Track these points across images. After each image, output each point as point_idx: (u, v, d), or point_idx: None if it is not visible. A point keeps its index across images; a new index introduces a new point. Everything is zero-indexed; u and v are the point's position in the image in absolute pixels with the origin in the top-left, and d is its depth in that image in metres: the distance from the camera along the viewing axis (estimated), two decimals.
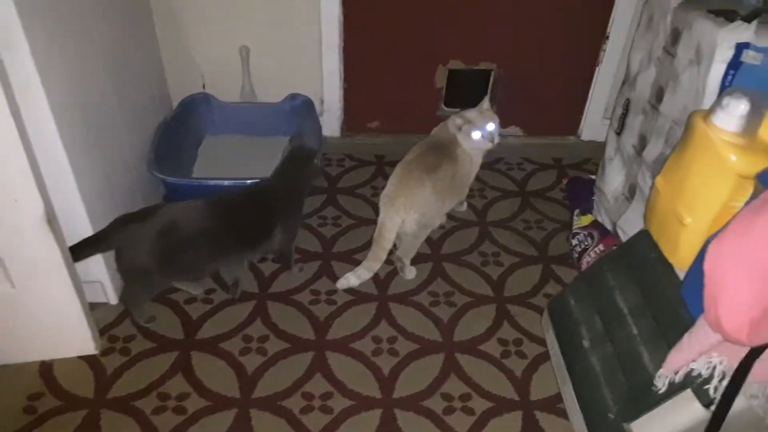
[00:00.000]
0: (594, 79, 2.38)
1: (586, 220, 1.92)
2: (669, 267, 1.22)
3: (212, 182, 1.85)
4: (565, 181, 2.26)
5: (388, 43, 2.31)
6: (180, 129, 2.15)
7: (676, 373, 1.04)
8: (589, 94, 2.42)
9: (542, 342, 1.63)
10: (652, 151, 1.61)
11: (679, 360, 1.01)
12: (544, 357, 1.61)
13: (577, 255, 1.88)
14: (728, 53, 1.33)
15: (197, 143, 2.31)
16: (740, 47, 1.32)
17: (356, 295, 1.80)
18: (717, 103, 1.10)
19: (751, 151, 1.05)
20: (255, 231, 1.70)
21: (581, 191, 2.06)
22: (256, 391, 1.52)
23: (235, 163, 2.22)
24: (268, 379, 1.55)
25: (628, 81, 1.80)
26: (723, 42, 1.33)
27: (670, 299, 1.17)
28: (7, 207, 1.32)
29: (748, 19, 1.34)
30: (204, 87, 2.37)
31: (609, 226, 1.85)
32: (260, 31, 2.25)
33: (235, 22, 2.23)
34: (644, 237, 1.31)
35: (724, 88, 1.35)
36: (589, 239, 1.86)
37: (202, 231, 1.60)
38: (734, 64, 1.33)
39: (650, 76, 1.65)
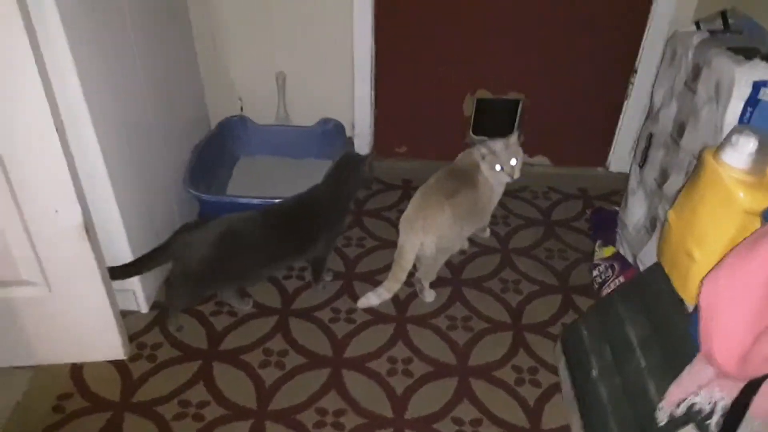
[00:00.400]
0: (623, 112, 2.40)
1: (608, 251, 1.93)
2: (680, 301, 1.22)
3: (243, 200, 1.94)
4: (589, 211, 2.27)
5: (418, 71, 2.38)
6: (216, 148, 2.25)
7: (677, 406, 1.04)
8: (618, 126, 2.43)
9: (557, 371, 1.64)
10: (672, 186, 1.61)
11: (679, 393, 1.02)
12: (558, 387, 1.60)
13: (597, 286, 1.88)
14: (746, 91, 1.34)
15: (233, 163, 2.41)
16: (758, 85, 1.33)
17: (375, 315, 1.84)
18: (726, 141, 1.12)
19: (759, 188, 1.06)
20: (304, 237, 1.79)
21: (605, 222, 2.07)
22: (272, 404, 1.57)
23: (268, 182, 2.31)
24: (285, 393, 1.60)
25: (651, 115, 1.81)
26: (740, 79, 1.34)
27: (678, 333, 1.18)
28: (49, 216, 1.41)
29: (766, 58, 1.35)
30: (242, 110, 2.47)
31: (630, 259, 1.85)
32: (296, 58, 2.34)
33: (273, 50, 2.34)
34: (657, 270, 1.32)
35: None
36: (609, 271, 1.86)
37: (257, 238, 1.70)
38: (752, 102, 1.34)
39: (672, 111, 1.67)
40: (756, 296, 0.85)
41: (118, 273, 1.65)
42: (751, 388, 0.89)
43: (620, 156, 2.47)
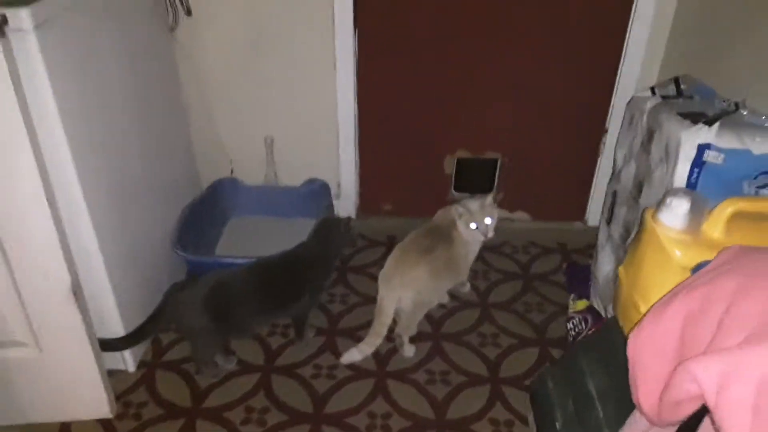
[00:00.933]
0: (597, 168, 2.49)
1: (581, 304, 1.99)
2: None
3: (227, 260, 2.02)
4: (564, 265, 2.33)
5: (400, 133, 2.49)
6: (206, 209, 2.36)
7: None
8: (593, 182, 2.53)
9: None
10: None
11: None
12: None
13: (572, 338, 1.94)
14: (691, 153, 1.43)
15: (223, 223, 2.51)
16: (702, 147, 1.42)
17: (356, 371, 1.89)
18: (662, 202, 1.20)
19: (693, 246, 1.14)
20: (289, 292, 1.87)
21: (579, 276, 2.13)
22: None
23: (257, 242, 2.40)
24: None
25: (615, 173, 1.90)
26: (686, 142, 1.43)
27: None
28: (39, 280, 1.49)
29: (710, 122, 1.45)
30: (232, 172, 2.59)
31: (602, 311, 1.90)
32: (284, 122, 2.47)
33: (262, 115, 2.47)
34: (614, 323, 1.38)
35: (691, 186, 1.45)
36: (583, 323, 1.92)
37: (245, 291, 1.81)
38: (698, 163, 1.43)
39: (632, 171, 1.76)
40: (671, 345, 0.91)
41: (119, 344, 1.76)
42: None
43: (597, 210, 2.55)
